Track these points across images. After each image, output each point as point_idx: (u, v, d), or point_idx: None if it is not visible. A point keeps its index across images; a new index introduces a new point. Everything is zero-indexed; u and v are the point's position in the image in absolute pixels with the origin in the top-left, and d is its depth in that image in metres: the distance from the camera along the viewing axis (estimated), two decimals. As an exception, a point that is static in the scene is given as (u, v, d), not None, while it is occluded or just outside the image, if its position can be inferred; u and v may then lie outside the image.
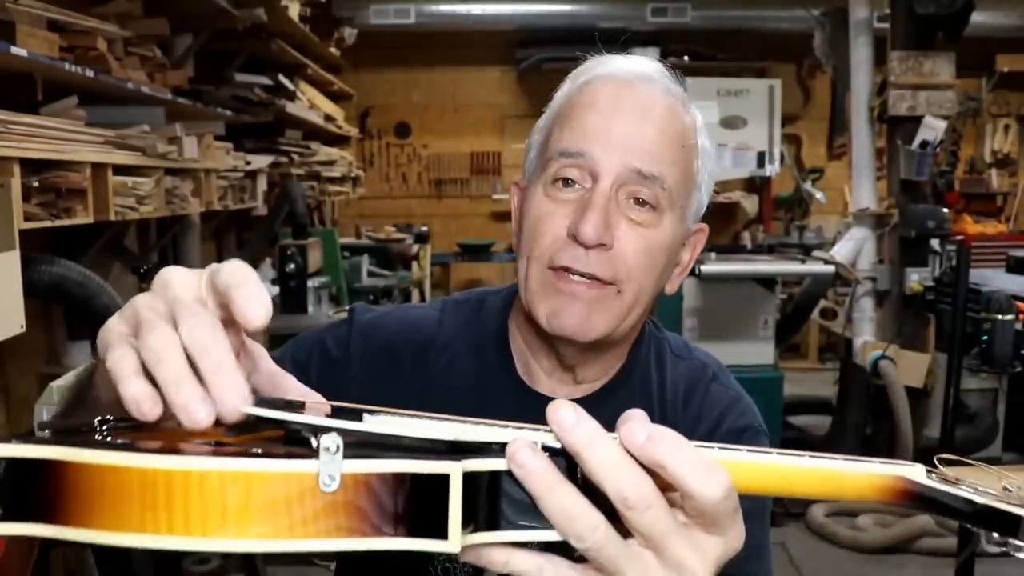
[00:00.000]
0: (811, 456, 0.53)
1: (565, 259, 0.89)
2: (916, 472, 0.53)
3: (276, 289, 3.88)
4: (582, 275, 0.89)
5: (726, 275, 4.21)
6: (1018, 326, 3.73)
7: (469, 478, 0.48)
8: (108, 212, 2.32)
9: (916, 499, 0.53)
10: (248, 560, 2.66)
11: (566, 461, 0.50)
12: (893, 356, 4.22)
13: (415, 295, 6.30)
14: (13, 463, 0.43)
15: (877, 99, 4.52)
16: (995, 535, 0.52)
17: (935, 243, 4.43)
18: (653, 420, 1.08)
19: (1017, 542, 0.51)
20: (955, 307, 3.71)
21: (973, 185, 7.53)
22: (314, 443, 0.45)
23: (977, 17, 4.56)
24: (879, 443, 4.22)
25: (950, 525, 3.62)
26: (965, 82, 6.16)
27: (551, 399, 1.00)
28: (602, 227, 0.87)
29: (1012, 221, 7.35)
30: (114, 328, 0.53)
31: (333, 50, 5.88)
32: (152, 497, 0.42)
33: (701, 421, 0.99)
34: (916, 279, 4.36)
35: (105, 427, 0.53)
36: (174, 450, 0.45)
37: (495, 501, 0.49)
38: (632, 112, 0.90)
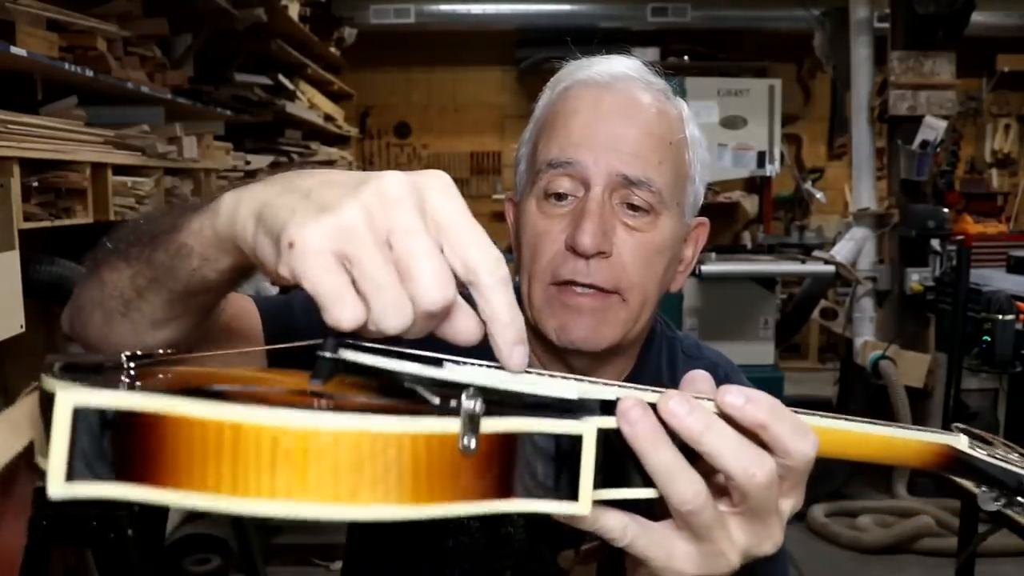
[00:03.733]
0: (872, 423, 0.58)
1: (566, 273, 0.88)
2: (960, 441, 0.60)
3: (275, 290, 3.88)
4: (585, 287, 0.88)
5: (726, 275, 4.21)
6: (1018, 326, 3.72)
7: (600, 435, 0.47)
8: (108, 212, 2.32)
9: (959, 465, 0.60)
10: (248, 560, 2.66)
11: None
12: (893, 356, 4.22)
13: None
14: (107, 415, 0.39)
15: (877, 99, 4.52)
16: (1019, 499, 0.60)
17: (935, 243, 4.42)
18: None
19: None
20: (955, 307, 3.72)
21: (973, 185, 7.51)
22: (432, 399, 0.43)
23: (977, 17, 4.57)
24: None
25: (950, 525, 3.62)
26: (965, 82, 6.15)
27: None
28: (599, 235, 0.86)
29: (1012, 221, 7.34)
30: (325, 251, 0.46)
31: (333, 50, 5.87)
32: (285, 457, 0.38)
33: None
34: (916, 279, 4.36)
35: (133, 365, 0.50)
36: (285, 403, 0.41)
37: (600, 460, 0.49)
38: (614, 115, 0.89)
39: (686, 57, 7.29)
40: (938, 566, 3.48)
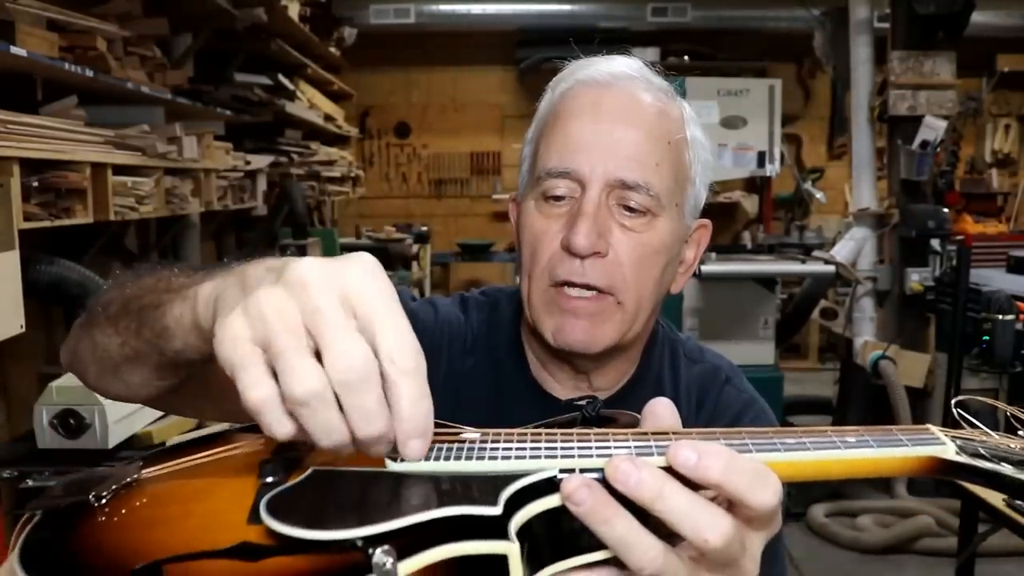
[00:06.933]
0: (845, 445, 0.55)
1: (563, 273, 0.88)
2: (947, 451, 0.56)
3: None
4: (581, 287, 0.89)
5: (726, 275, 4.21)
6: (1018, 326, 3.73)
7: (524, 529, 0.48)
8: (108, 212, 2.32)
9: (952, 471, 0.56)
10: None
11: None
12: (893, 356, 4.22)
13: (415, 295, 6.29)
14: None
15: (877, 99, 4.52)
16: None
17: (935, 243, 4.42)
18: None
19: None
20: (955, 307, 3.72)
21: (973, 185, 7.51)
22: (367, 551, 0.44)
23: (977, 17, 4.56)
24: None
25: (950, 525, 3.61)
26: (965, 82, 6.15)
27: (568, 403, 1.00)
28: (594, 235, 0.86)
29: (1012, 221, 7.33)
30: (241, 337, 0.49)
31: (333, 50, 5.87)
32: None
33: (714, 425, 0.98)
34: (916, 279, 4.36)
35: (104, 498, 0.54)
36: None
37: (548, 538, 0.50)
38: (613, 115, 0.89)
39: (686, 57, 7.30)
40: (938, 566, 3.48)
